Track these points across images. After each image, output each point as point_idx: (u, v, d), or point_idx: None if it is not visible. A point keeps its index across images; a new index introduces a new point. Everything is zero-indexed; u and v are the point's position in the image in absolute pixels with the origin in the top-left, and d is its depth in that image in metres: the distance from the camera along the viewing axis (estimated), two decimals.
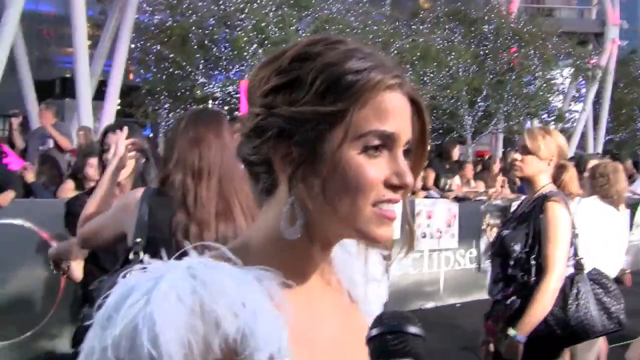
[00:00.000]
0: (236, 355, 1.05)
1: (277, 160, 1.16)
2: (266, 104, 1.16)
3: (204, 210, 2.85)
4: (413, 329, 1.02)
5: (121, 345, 1.01)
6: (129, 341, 1.01)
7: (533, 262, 4.24)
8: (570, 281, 4.37)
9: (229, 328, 1.04)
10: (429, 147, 1.30)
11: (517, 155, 4.49)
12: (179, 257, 1.14)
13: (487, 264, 11.47)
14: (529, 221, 4.34)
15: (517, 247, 4.30)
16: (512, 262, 4.33)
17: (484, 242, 11.63)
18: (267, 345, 1.06)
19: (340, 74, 1.12)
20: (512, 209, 11.50)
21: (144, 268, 1.11)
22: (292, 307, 1.14)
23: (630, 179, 16.00)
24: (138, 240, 2.97)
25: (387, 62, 1.18)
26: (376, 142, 1.13)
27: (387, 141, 1.14)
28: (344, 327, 1.29)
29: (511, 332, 4.10)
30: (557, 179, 4.45)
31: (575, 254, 4.50)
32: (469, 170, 12.61)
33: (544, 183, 4.37)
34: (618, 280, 6.78)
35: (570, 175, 4.48)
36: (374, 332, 1.03)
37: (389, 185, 1.15)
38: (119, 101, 17.35)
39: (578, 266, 4.48)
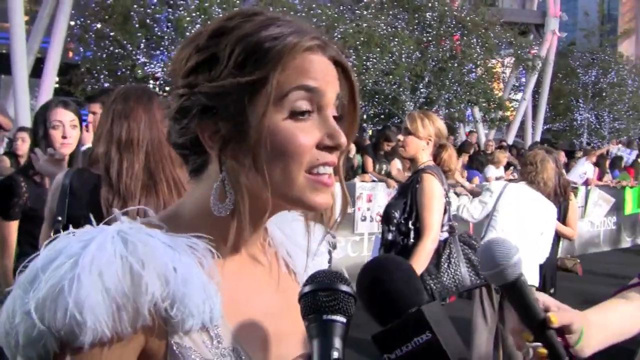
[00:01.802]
0: (166, 321, 1.06)
1: (205, 138, 1.15)
2: (188, 83, 1.16)
3: (129, 182, 2.82)
4: (345, 287, 1.03)
5: (45, 309, 0.99)
6: (53, 304, 0.99)
7: (411, 226, 4.82)
8: (443, 243, 4.92)
9: (159, 293, 1.04)
10: (359, 117, 1.29)
11: (400, 137, 5.04)
12: (109, 223, 1.13)
13: None
14: (407, 191, 4.91)
15: (397, 214, 4.87)
16: (392, 228, 4.90)
17: None
18: (199, 313, 1.07)
19: (256, 42, 1.12)
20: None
21: (73, 233, 1.09)
22: (223, 274, 1.15)
23: (567, 167, 16.41)
24: (59, 218, 2.95)
25: (306, 26, 1.18)
26: (303, 105, 1.13)
27: (313, 99, 1.14)
28: (278, 297, 1.29)
29: None
30: (436, 157, 5.08)
31: (449, 220, 5.05)
32: None
33: (424, 160, 4.91)
34: (570, 270, 6.94)
35: (449, 154, 5.12)
36: (306, 289, 1.04)
37: (323, 147, 1.14)
38: (57, 79, 17.02)
39: (451, 230, 5.02)
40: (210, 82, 1.12)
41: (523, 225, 5.89)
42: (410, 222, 4.83)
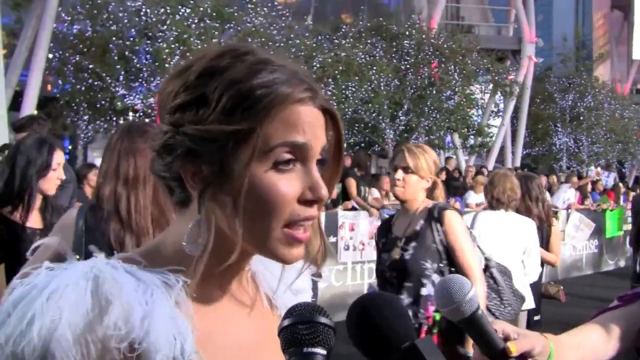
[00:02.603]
0: (134, 356, 1.05)
1: (188, 177, 1.15)
2: (173, 121, 1.14)
3: (140, 218, 2.85)
4: (323, 319, 1.03)
5: (14, 343, 1.00)
6: (22, 338, 0.99)
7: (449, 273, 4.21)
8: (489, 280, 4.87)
9: (126, 329, 1.03)
10: (344, 159, 1.30)
11: (399, 175, 4.43)
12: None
13: None
14: (422, 237, 4.35)
15: (428, 264, 4.31)
16: (427, 281, 4.29)
17: None
18: (168, 347, 1.06)
19: (246, 90, 1.10)
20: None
21: (49, 268, 1.09)
22: (198, 310, 1.14)
23: (550, 191, 16.57)
24: (77, 257, 2.94)
25: (298, 73, 1.17)
26: (287, 155, 1.12)
27: (298, 153, 1.13)
28: (258, 332, 1.28)
29: (464, 351, 4.15)
30: (430, 193, 4.51)
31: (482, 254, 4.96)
32: (386, 182, 12.73)
33: (422, 199, 4.45)
34: (553, 297, 6.95)
35: (440, 190, 4.58)
36: (286, 322, 1.04)
37: (304, 201, 1.14)
38: (36, 112, 16.94)
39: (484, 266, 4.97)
40: (196, 124, 1.11)
41: (501, 250, 5.88)
42: (448, 270, 4.31)
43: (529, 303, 5.99)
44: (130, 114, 18.06)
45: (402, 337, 1.09)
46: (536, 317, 6.68)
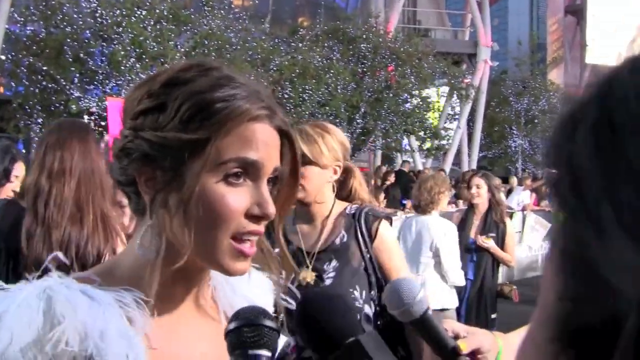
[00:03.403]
0: None
1: (142, 182, 1.16)
2: (134, 126, 1.16)
3: (56, 212, 2.81)
4: (268, 322, 1.05)
5: None
6: None
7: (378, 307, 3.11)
8: None
9: (78, 348, 1.04)
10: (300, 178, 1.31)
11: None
12: (41, 276, 1.14)
13: None
14: (351, 253, 3.11)
15: (357, 293, 3.04)
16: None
17: None
18: None
19: (205, 102, 1.12)
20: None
21: (4, 289, 1.10)
22: (153, 327, 1.15)
23: (509, 193, 16.76)
24: None
25: (260, 92, 1.19)
26: (238, 170, 1.14)
27: (249, 169, 1.15)
28: (215, 349, 1.27)
29: None
30: (343, 186, 3.27)
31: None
32: None
33: (331, 198, 3.18)
34: (505, 296, 7.04)
35: (359, 181, 3.34)
36: (231, 325, 1.06)
37: (250, 216, 1.16)
38: None
39: None
40: (154, 130, 1.13)
41: (413, 255, 6.19)
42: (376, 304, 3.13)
43: (453, 302, 6.18)
44: (85, 116, 17.83)
45: (345, 334, 1.11)
46: (493, 315, 6.77)
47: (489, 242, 6.56)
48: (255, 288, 1.37)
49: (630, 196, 0.45)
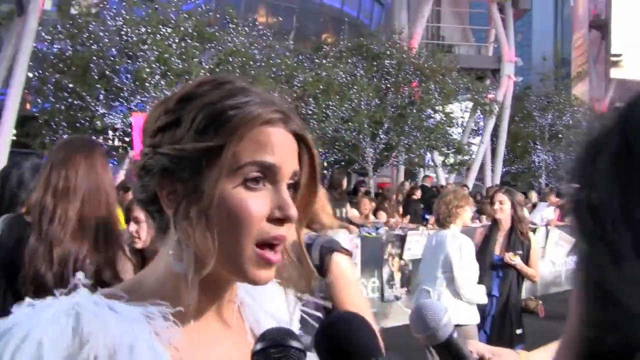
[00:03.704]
0: None
1: (163, 197, 1.17)
2: (153, 143, 1.18)
3: (59, 228, 2.83)
4: (295, 343, 1.06)
5: None
6: None
7: None
8: None
9: None
10: (320, 183, 1.31)
11: None
12: (69, 293, 1.14)
13: (389, 293, 11.66)
14: None
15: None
16: None
17: (386, 272, 11.76)
18: None
19: (218, 110, 1.13)
20: (411, 237, 11.81)
21: (32, 305, 1.10)
22: (181, 344, 1.15)
23: (534, 207, 16.66)
24: None
25: (273, 99, 1.20)
26: (256, 174, 1.14)
27: (267, 172, 1.15)
28: None
29: None
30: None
31: None
32: (366, 205, 12.69)
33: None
34: (531, 311, 6.99)
35: (322, 202, 3.25)
36: (258, 346, 1.06)
37: (272, 220, 1.15)
38: (14, 131, 16.86)
39: None
40: (172, 144, 1.14)
41: (429, 271, 6.29)
42: None
43: (471, 318, 6.16)
44: (110, 132, 17.99)
45: (366, 355, 1.10)
46: (518, 331, 6.72)
47: (516, 260, 6.53)
48: (277, 303, 1.37)
49: None
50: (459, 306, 6.04)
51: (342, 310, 1.22)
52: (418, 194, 16.18)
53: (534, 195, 20.58)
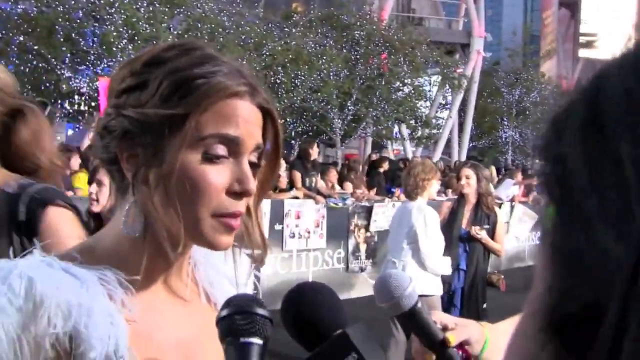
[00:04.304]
0: (69, 354, 1.05)
1: (123, 159, 1.16)
2: (117, 104, 1.16)
3: None
4: (261, 310, 1.05)
5: None
6: None
7: None
8: None
9: (61, 326, 1.04)
10: (282, 155, 1.32)
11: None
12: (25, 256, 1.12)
13: (354, 265, 11.75)
14: None
15: None
16: None
17: (351, 243, 11.82)
18: (102, 344, 1.07)
19: (185, 78, 1.12)
20: (377, 208, 11.88)
21: None
22: (135, 307, 1.14)
23: (499, 183, 16.87)
24: None
25: (242, 70, 1.19)
26: (218, 148, 1.13)
27: (229, 145, 1.15)
28: (195, 328, 1.29)
29: None
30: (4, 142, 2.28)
31: None
32: (333, 175, 12.71)
33: None
34: (494, 285, 7.11)
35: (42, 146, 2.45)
36: (224, 313, 1.05)
37: (231, 193, 1.15)
38: None
39: None
40: (135, 107, 1.13)
41: (395, 242, 6.44)
42: None
43: (436, 289, 6.28)
44: (76, 96, 17.78)
45: (332, 325, 1.11)
46: (484, 305, 6.85)
47: (482, 233, 6.61)
48: (231, 265, 1.36)
49: (613, 190, 0.46)
50: (424, 277, 6.12)
51: (304, 283, 1.22)
52: (385, 166, 16.22)
53: (493, 171, 20.79)
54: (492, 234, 6.77)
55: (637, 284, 0.44)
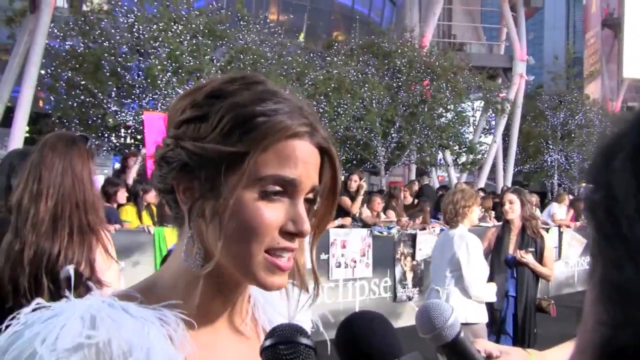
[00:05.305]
0: None
1: (179, 192, 1.16)
2: (176, 135, 1.17)
3: (31, 230, 2.84)
4: (304, 340, 1.04)
5: None
6: None
7: None
8: None
9: None
10: (339, 196, 1.30)
11: None
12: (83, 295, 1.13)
13: (402, 293, 11.66)
14: None
15: None
16: None
17: (398, 271, 11.75)
18: None
19: (247, 115, 1.12)
20: (421, 236, 11.79)
21: (44, 307, 1.08)
22: (194, 346, 1.14)
23: (541, 209, 16.68)
24: None
25: (303, 108, 1.18)
26: (275, 187, 1.13)
27: (287, 187, 1.14)
28: None
29: None
30: None
31: None
32: (377, 203, 12.64)
33: None
34: (544, 310, 7.00)
35: None
36: (267, 342, 1.05)
37: (285, 232, 1.15)
38: (27, 128, 16.94)
39: None
40: (195, 140, 1.13)
41: (438, 270, 6.41)
42: None
43: (480, 317, 6.19)
44: (122, 130, 18.04)
45: (387, 355, 1.10)
46: (535, 330, 6.77)
47: (527, 257, 6.53)
48: (290, 305, 1.36)
49: None
50: (468, 305, 6.06)
51: (359, 312, 1.22)
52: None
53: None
54: (539, 258, 6.69)
55: None
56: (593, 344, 0.51)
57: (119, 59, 17.27)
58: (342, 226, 11.28)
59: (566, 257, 16.17)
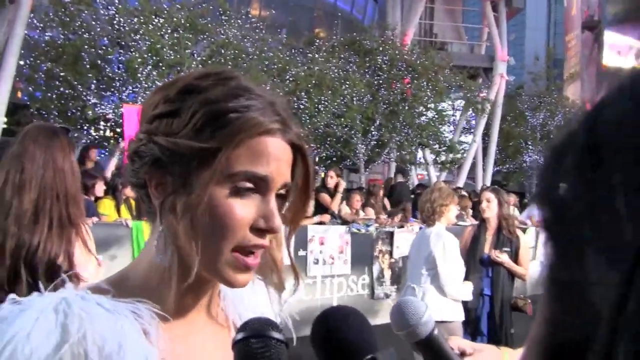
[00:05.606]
0: None
1: (152, 186, 1.17)
2: (149, 130, 1.17)
3: (13, 222, 2.83)
4: (276, 334, 1.05)
5: None
6: None
7: None
8: None
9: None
10: (312, 192, 1.31)
11: None
12: (55, 289, 1.13)
13: (379, 291, 11.68)
14: None
15: None
16: None
17: (376, 269, 11.77)
18: None
19: (219, 111, 1.12)
20: (399, 234, 11.81)
21: (17, 301, 1.08)
22: (166, 339, 1.14)
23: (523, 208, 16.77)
24: None
25: (276, 105, 1.18)
26: (246, 183, 1.13)
27: (258, 183, 1.14)
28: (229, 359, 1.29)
29: None
30: None
31: None
32: (356, 201, 12.65)
33: None
34: (520, 309, 7.05)
35: None
36: (239, 336, 1.05)
37: (255, 229, 1.15)
38: (5, 119, 16.77)
39: None
40: (167, 135, 1.13)
41: (414, 268, 6.42)
42: None
43: (456, 315, 6.21)
44: (102, 123, 17.93)
45: (362, 350, 1.10)
46: (512, 330, 6.81)
47: (502, 257, 6.56)
48: (260, 297, 1.38)
49: (608, 220, 0.46)
50: (444, 303, 6.09)
51: (334, 307, 1.23)
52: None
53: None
54: (515, 257, 6.73)
55: (626, 311, 0.43)
56: (538, 340, 0.52)
57: (99, 51, 17.15)
58: (321, 223, 11.27)
59: (542, 257, 16.30)
